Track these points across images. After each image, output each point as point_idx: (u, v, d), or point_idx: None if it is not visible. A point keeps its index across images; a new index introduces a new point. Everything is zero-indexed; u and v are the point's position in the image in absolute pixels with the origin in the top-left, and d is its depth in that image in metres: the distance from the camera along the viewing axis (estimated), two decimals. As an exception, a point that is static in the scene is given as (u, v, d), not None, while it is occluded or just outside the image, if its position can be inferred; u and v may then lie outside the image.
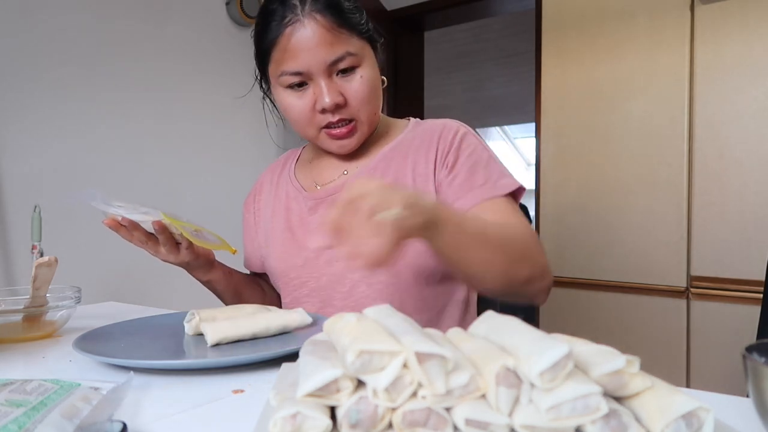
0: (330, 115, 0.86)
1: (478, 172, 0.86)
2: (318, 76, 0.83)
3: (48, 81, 1.83)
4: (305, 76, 0.84)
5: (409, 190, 0.61)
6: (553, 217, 2.15)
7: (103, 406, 0.44)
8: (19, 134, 1.75)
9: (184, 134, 2.27)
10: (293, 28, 0.81)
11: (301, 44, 0.81)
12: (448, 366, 0.36)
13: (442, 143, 0.89)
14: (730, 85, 1.79)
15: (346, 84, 0.85)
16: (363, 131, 0.90)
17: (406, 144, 0.93)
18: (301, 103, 0.86)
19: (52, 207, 1.75)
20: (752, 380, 0.39)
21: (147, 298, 1.93)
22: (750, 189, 1.76)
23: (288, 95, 0.87)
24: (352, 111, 0.86)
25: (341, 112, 0.86)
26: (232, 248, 0.88)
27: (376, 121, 0.92)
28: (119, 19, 2.03)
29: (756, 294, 1.71)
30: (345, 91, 0.85)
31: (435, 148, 0.89)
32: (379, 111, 0.93)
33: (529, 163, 7.83)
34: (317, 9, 0.81)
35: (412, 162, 0.90)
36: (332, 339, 0.43)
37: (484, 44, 5.02)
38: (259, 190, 1.08)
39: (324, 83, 0.83)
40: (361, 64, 0.85)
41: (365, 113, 0.88)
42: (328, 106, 0.84)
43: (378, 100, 0.90)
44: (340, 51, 0.82)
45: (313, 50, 0.81)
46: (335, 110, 0.85)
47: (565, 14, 2.10)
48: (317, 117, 0.87)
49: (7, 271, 1.72)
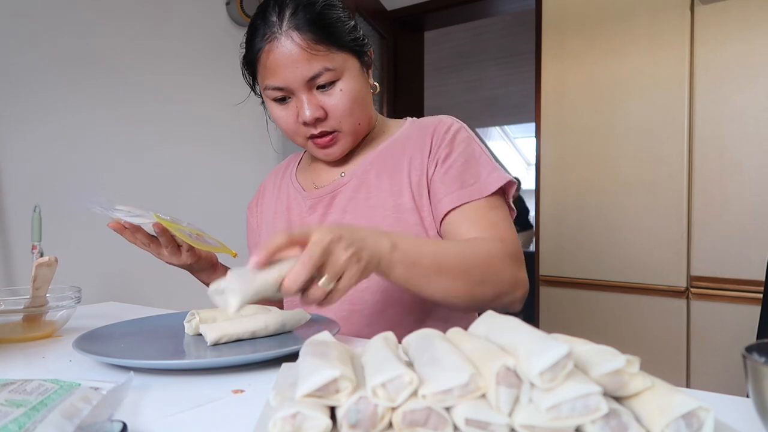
0: (312, 128, 0.88)
1: (469, 169, 0.86)
2: (298, 91, 0.85)
3: (48, 81, 1.82)
4: (286, 91, 0.86)
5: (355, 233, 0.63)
6: (553, 217, 2.15)
7: (103, 406, 0.44)
8: (19, 134, 1.75)
9: (184, 134, 2.27)
10: (271, 45, 0.83)
11: (279, 61, 0.83)
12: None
13: (436, 137, 0.91)
14: (730, 85, 1.79)
15: (326, 98, 0.86)
16: (346, 141, 0.91)
17: (402, 140, 0.94)
18: (286, 115, 0.88)
19: (52, 207, 1.75)
20: (752, 380, 0.39)
21: (147, 298, 1.93)
22: (750, 189, 1.76)
23: (274, 107, 0.89)
24: (333, 123, 0.88)
25: (322, 125, 0.88)
26: (233, 251, 0.89)
27: (362, 129, 0.93)
28: (119, 19, 2.03)
29: (756, 294, 1.71)
30: (325, 105, 0.86)
31: (429, 143, 0.90)
32: (367, 119, 0.93)
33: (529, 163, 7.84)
34: (294, 26, 0.83)
35: (409, 156, 0.91)
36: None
37: (484, 44, 5.02)
38: (262, 193, 1.10)
39: (305, 98, 0.85)
40: (341, 77, 0.86)
41: (348, 124, 0.89)
42: (308, 120, 0.86)
43: (362, 110, 0.90)
44: (318, 67, 0.83)
45: (290, 67, 0.83)
46: (316, 123, 0.87)
47: (565, 14, 2.10)
48: (301, 128, 0.89)
49: (7, 271, 1.72)
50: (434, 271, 0.70)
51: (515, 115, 6.27)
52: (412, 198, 0.88)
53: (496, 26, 4.70)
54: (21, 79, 1.76)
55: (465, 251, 0.74)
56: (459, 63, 5.35)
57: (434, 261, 0.70)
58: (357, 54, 0.89)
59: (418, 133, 0.93)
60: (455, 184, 0.85)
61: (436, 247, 0.73)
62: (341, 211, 0.92)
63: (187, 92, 2.27)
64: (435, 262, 0.70)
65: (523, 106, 5.72)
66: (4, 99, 1.72)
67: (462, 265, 0.72)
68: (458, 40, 4.90)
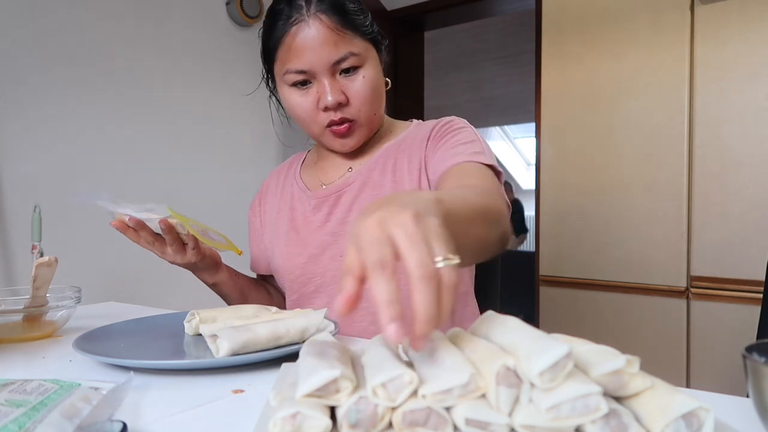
0: (332, 113, 0.88)
1: (459, 146, 0.86)
2: (321, 74, 0.86)
3: (48, 81, 1.83)
4: (309, 75, 0.86)
5: (384, 202, 0.46)
6: (553, 217, 2.15)
7: (103, 406, 0.44)
8: (19, 134, 1.75)
9: (184, 135, 2.27)
10: (298, 27, 0.84)
11: (305, 43, 0.84)
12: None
13: (436, 129, 0.92)
14: (730, 85, 1.79)
15: (349, 83, 0.87)
16: (362, 131, 0.92)
17: (408, 141, 0.95)
18: (305, 101, 0.88)
19: (52, 207, 1.75)
20: (752, 380, 0.39)
21: (147, 298, 1.94)
22: (750, 189, 1.76)
23: (292, 93, 0.89)
24: (353, 110, 0.88)
25: (343, 111, 0.88)
26: (238, 249, 0.88)
27: (377, 121, 0.94)
28: (119, 19, 2.03)
29: (756, 294, 1.71)
30: (347, 91, 0.87)
31: (428, 136, 0.92)
32: (381, 112, 0.95)
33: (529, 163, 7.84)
34: (322, 9, 0.84)
35: (409, 155, 0.92)
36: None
37: (484, 44, 5.02)
38: (265, 193, 1.10)
39: (327, 82, 0.86)
40: (363, 64, 0.87)
41: (365, 113, 0.90)
42: (330, 104, 0.86)
43: (379, 100, 0.92)
44: (344, 51, 0.84)
45: (317, 49, 0.84)
46: (337, 108, 0.87)
47: (565, 14, 2.10)
48: (320, 115, 0.89)
49: (7, 271, 1.72)
50: (472, 219, 0.60)
51: (515, 115, 6.27)
52: None
53: (496, 26, 4.70)
54: (21, 79, 1.76)
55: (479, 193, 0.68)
56: (459, 63, 5.34)
57: (471, 209, 0.61)
58: (376, 46, 0.91)
59: (420, 133, 0.95)
60: (447, 155, 0.85)
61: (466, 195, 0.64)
62: (346, 211, 0.92)
63: (188, 92, 2.27)
64: (472, 209, 0.61)
65: (523, 106, 5.72)
66: (4, 99, 1.72)
67: (483, 207, 0.64)
68: (458, 40, 4.90)
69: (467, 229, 0.58)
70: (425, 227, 0.41)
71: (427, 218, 0.42)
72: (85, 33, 1.93)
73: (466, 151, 0.85)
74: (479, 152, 0.85)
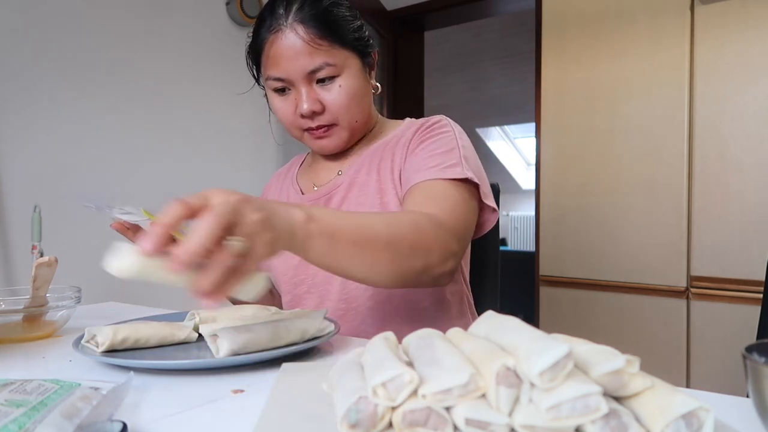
0: (309, 120, 0.90)
1: (436, 156, 0.85)
2: (298, 83, 0.87)
3: (48, 81, 1.82)
4: (287, 83, 0.88)
5: (264, 202, 0.54)
6: (553, 217, 2.15)
7: (103, 406, 0.44)
8: (19, 134, 1.75)
9: (184, 135, 2.27)
10: (276, 36, 0.86)
11: (281, 52, 0.86)
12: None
13: (420, 131, 0.92)
14: (730, 85, 1.79)
15: (325, 92, 0.88)
16: (341, 135, 0.92)
17: (395, 141, 0.95)
18: (285, 106, 0.90)
19: (52, 207, 1.75)
20: (752, 380, 0.39)
21: (147, 298, 1.93)
22: (750, 189, 1.76)
23: (274, 97, 0.92)
24: (330, 118, 0.90)
25: (319, 119, 0.89)
26: None
27: (360, 127, 0.95)
28: (119, 19, 2.03)
29: (756, 294, 1.71)
30: (323, 99, 0.88)
31: (411, 137, 0.92)
32: (365, 118, 0.95)
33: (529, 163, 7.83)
34: (300, 19, 0.85)
35: (392, 154, 0.93)
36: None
37: (484, 44, 5.01)
38: (266, 196, 1.12)
39: (303, 90, 0.87)
40: (341, 73, 0.88)
41: (345, 120, 0.91)
42: (305, 113, 0.88)
43: (359, 107, 0.91)
44: (319, 61, 0.85)
45: (292, 59, 0.85)
46: (313, 116, 0.89)
47: (565, 14, 2.10)
48: (299, 120, 0.90)
49: (7, 271, 1.72)
50: (357, 244, 0.62)
51: (515, 115, 6.27)
52: (396, 194, 0.89)
53: (496, 26, 4.69)
54: (21, 79, 1.76)
55: (390, 221, 0.69)
56: (459, 63, 5.34)
57: (357, 232, 0.62)
58: (359, 53, 0.90)
59: (407, 132, 0.95)
60: (420, 165, 0.85)
61: (359, 219, 0.66)
62: None
63: (187, 92, 2.27)
64: (358, 233, 0.62)
65: (523, 106, 5.71)
66: (4, 99, 1.72)
67: (388, 235, 0.65)
68: (458, 40, 4.89)
69: (352, 250, 0.62)
70: (257, 233, 0.49)
71: (265, 233, 0.50)
72: (86, 33, 1.93)
73: (439, 164, 0.83)
74: (453, 164, 0.83)
